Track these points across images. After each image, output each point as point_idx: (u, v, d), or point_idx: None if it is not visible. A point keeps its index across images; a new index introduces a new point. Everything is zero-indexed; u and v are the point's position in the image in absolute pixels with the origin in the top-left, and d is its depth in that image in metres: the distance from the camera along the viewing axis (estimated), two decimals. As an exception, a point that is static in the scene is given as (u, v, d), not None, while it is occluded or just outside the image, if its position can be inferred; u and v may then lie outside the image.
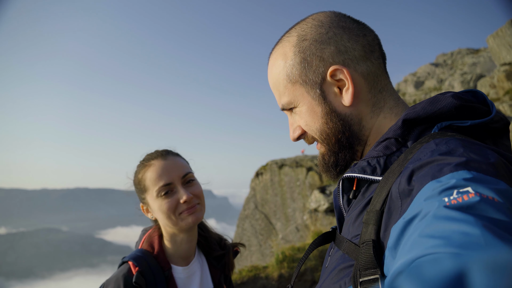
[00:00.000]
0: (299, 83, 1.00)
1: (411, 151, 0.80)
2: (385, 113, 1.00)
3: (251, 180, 16.71)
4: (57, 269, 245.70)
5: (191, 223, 1.55)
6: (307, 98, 1.00)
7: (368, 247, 0.72)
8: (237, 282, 6.47)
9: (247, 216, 16.01)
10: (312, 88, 0.99)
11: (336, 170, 1.05)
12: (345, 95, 0.97)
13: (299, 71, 0.99)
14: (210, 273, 1.74)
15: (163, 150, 1.68)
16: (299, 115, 1.03)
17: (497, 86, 14.79)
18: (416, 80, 28.88)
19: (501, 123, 0.87)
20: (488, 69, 21.98)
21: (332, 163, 1.04)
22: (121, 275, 1.44)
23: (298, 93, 1.01)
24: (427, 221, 0.54)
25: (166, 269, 1.56)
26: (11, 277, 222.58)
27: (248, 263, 14.02)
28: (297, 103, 1.02)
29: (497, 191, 0.56)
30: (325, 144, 1.02)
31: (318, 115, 0.99)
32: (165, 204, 1.53)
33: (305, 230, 12.40)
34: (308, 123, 1.02)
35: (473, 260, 0.42)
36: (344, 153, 1.02)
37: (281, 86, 1.03)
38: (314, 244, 1.06)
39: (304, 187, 13.46)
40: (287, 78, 1.01)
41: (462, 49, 31.76)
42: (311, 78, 0.98)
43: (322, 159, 1.06)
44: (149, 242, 1.63)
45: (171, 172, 1.57)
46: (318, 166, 1.10)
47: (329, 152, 1.03)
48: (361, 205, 0.87)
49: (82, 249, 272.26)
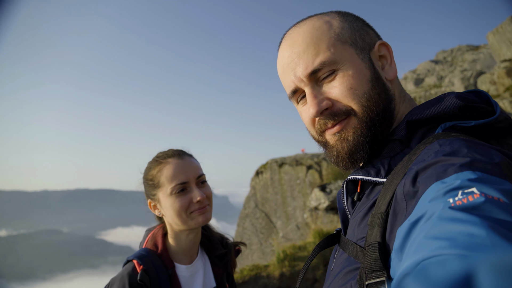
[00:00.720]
0: (348, 43, 0.94)
1: (415, 152, 0.80)
2: (406, 103, 1.01)
3: (251, 179, 16.71)
4: (58, 270, 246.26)
5: (201, 222, 1.59)
6: (357, 60, 0.94)
7: (374, 250, 0.72)
8: (238, 281, 6.49)
9: (248, 215, 15.99)
10: (361, 52, 0.96)
11: (372, 148, 0.93)
12: (388, 69, 0.99)
13: (348, 33, 0.96)
14: (212, 272, 1.78)
15: (178, 149, 1.73)
16: (341, 79, 0.92)
17: (497, 83, 14.76)
18: (416, 77, 28.89)
19: (505, 123, 0.86)
20: (488, 65, 21.97)
21: (370, 137, 0.92)
22: (126, 274, 1.48)
23: (347, 53, 0.93)
24: (433, 223, 0.54)
25: (169, 267, 1.59)
26: (12, 279, 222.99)
27: (249, 262, 14.01)
28: (343, 64, 0.92)
29: (502, 191, 0.56)
30: (367, 113, 0.92)
31: (367, 79, 0.93)
32: (178, 201, 1.57)
33: (306, 228, 12.39)
34: (355, 86, 0.92)
35: (480, 261, 0.42)
36: (382, 128, 0.93)
37: (324, 44, 0.93)
38: (319, 247, 1.05)
39: (304, 185, 13.45)
40: (336, 37, 0.94)
41: (462, 45, 31.79)
42: (361, 43, 0.97)
43: (354, 134, 0.93)
44: (153, 241, 1.67)
45: (187, 172, 1.62)
46: (339, 149, 0.95)
47: (367, 125, 0.92)
48: (365, 207, 0.87)
49: (83, 250, 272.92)
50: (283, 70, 1.00)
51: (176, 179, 1.58)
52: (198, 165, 1.71)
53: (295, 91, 1.00)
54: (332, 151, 0.98)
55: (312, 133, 1.04)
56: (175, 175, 1.59)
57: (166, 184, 1.59)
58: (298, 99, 1.02)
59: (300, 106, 1.04)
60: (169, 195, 1.58)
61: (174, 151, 1.69)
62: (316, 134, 1.03)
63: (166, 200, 1.59)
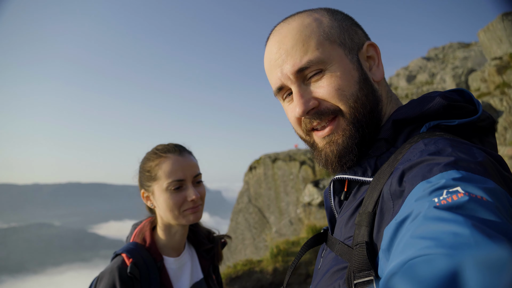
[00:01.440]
0: (337, 43, 0.93)
1: (400, 152, 0.81)
2: (393, 104, 1.01)
3: (245, 174, 16.71)
4: (49, 264, 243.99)
5: (192, 221, 1.61)
6: (345, 61, 0.93)
7: (362, 249, 0.72)
8: (232, 276, 6.49)
9: (241, 210, 16.04)
10: (350, 52, 0.95)
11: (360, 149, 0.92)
12: (376, 71, 0.98)
13: (337, 33, 0.94)
14: (200, 264, 1.81)
15: (179, 145, 1.72)
16: (328, 79, 0.91)
17: (488, 80, 14.90)
18: (408, 74, 28.96)
19: (487, 122, 0.88)
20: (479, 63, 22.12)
21: (358, 139, 0.92)
22: (115, 267, 1.49)
23: (335, 53, 0.92)
24: (418, 222, 0.55)
25: (158, 260, 1.61)
26: (3, 272, 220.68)
27: (242, 257, 14.07)
28: (331, 63, 0.91)
29: (485, 190, 0.57)
30: (354, 114, 0.92)
31: (354, 79, 0.93)
32: (173, 198, 1.58)
33: (299, 223, 12.47)
34: (343, 87, 0.91)
35: (464, 259, 0.43)
36: (369, 130, 0.93)
37: (313, 42, 0.91)
38: (306, 246, 1.05)
39: (298, 181, 13.51)
40: (325, 36, 0.93)
41: (453, 43, 31.89)
42: (349, 44, 0.95)
43: (343, 136, 0.93)
44: (142, 235, 1.68)
45: (185, 169, 1.63)
46: (328, 153, 0.95)
47: (355, 127, 0.92)
48: (352, 207, 0.87)
49: (75, 244, 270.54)
50: (270, 66, 0.98)
51: (173, 175, 1.59)
52: (196, 163, 1.71)
53: (281, 88, 0.99)
54: (320, 155, 0.97)
55: (298, 131, 1.03)
56: (173, 171, 1.60)
57: (163, 178, 1.59)
58: (284, 96, 1.01)
59: (286, 103, 1.02)
60: (164, 190, 1.59)
61: (175, 146, 1.69)
62: (302, 133, 1.02)
63: (161, 194, 1.60)
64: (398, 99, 1.03)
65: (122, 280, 1.45)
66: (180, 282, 1.67)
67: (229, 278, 6.49)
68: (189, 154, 1.72)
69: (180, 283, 1.67)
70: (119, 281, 1.44)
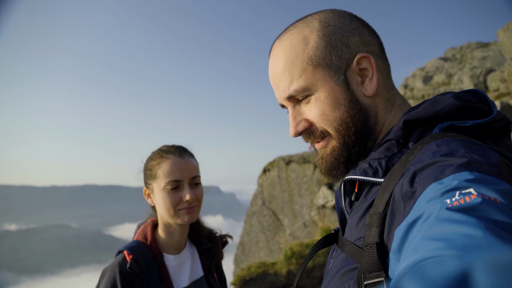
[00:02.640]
0: (321, 66, 0.93)
1: (412, 152, 0.81)
2: (395, 110, 1.01)
3: (259, 177, 16.74)
4: (66, 265, 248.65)
5: (186, 221, 1.68)
6: (329, 84, 0.93)
7: (372, 250, 0.72)
8: (245, 278, 6.51)
9: (255, 212, 16.04)
10: (335, 73, 0.94)
11: (347, 167, 0.98)
12: (368, 85, 0.96)
13: (323, 54, 0.94)
14: (200, 262, 1.88)
15: (181, 147, 1.80)
16: (314, 103, 0.95)
17: (508, 80, 14.59)
18: (424, 75, 28.60)
19: (502, 123, 0.87)
20: (498, 63, 21.70)
21: (344, 158, 0.97)
22: (116, 263, 1.59)
23: (319, 77, 0.93)
24: (430, 224, 0.55)
25: (158, 257, 1.69)
26: (22, 273, 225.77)
27: (256, 259, 14.06)
28: (315, 89, 0.93)
29: (499, 192, 0.56)
30: (340, 136, 0.95)
31: (339, 102, 0.93)
32: (169, 197, 1.66)
33: (313, 226, 12.40)
34: (326, 111, 0.93)
35: (476, 261, 0.42)
36: (359, 147, 0.96)
37: (297, 69, 0.94)
38: (317, 246, 1.05)
39: (312, 183, 13.45)
40: (309, 60, 0.93)
41: (471, 43, 31.36)
42: (336, 63, 0.94)
43: (331, 155, 0.98)
44: (143, 234, 1.76)
45: (183, 171, 1.70)
46: (320, 166, 1.02)
47: (342, 146, 0.96)
48: (363, 208, 0.87)
49: (92, 245, 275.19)
50: (271, 83, 1.04)
51: (171, 175, 1.66)
52: (196, 166, 1.78)
53: (282, 106, 1.05)
54: (318, 163, 1.04)
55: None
56: (171, 172, 1.67)
57: (161, 177, 1.67)
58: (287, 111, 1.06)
59: None
60: (162, 189, 1.66)
61: (176, 148, 1.77)
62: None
63: (159, 193, 1.68)
64: (403, 104, 1.03)
65: (122, 275, 1.54)
66: (179, 279, 1.74)
67: (243, 280, 6.49)
68: (190, 157, 1.79)
69: (179, 280, 1.74)
70: (119, 276, 1.54)
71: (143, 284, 1.59)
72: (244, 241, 16.00)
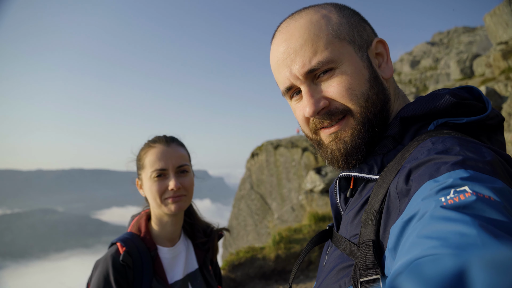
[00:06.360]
0: (346, 41, 0.91)
1: (407, 150, 0.81)
2: (400, 101, 1.00)
3: (247, 161, 16.76)
4: (52, 249, 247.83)
5: (173, 210, 1.66)
6: (355, 58, 0.90)
7: (368, 247, 0.72)
8: (234, 263, 6.57)
9: (243, 196, 16.11)
10: (360, 50, 0.93)
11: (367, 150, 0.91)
12: (385, 68, 0.97)
13: (347, 30, 0.92)
14: (195, 255, 1.86)
15: (169, 136, 1.79)
16: (339, 78, 0.89)
17: (493, 65, 14.75)
18: (412, 59, 28.73)
19: (496, 120, 0.87)
20: (485, 48, 21.88)
21: (366, 140, 0.90)
22: (109, 256, 1.56)
23: (345, 50, 0.90)
24: (425, 222, 0.55)
25: (152, 249, 1.68)
26: (6, 257, 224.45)
27: (244, 243, 14.19)
28: (341, 62, 0.89)
29: (493, 190, 0.57)
30: (364, 114, 0.90)
31: (365, 78, 0.91)
32: (155, 186, 1.65)
33: (301, 210, 12.52)
34: (353, 86, 0.89)
35: (471, 259, 0.43)
36: (380, 129, 0.92)
37: (322, 42, 0.88)
38: (311, 243, 1.05)
39: (300, 167, 13.52)
40: (335, 34, 0.90)
41: (458, 27, 31.59)
42: (359, 41, 0.93)
43: (351, 137, 0.91)
44: (137, 226, 1.75)
45: (168, 159, 1.68)
46: (334, 153, 0.93)
47: (364, 127, 0.90)
48: (358, 204, 0.87)
49: (78, 230, 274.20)
50: (277, 66, 0.96)
51: (156, 164, 1.66)
52: (184, 154, 1.75)
53: (289, 88, 0.97)
54: (326, 152, 0.96)
55: (306, 130, 1.02)
56: (156, 160, 1.66)
57: (148, 167, 1.68)
58: (291, 95, 0.99)
59: (293, 102, 1.00)
60: (149, 178, 1.67)
61: (164, 137, 1.76)
62: (310, 133, 1.00)
63: (146, 182, 1.68)
64: (405, 96, 1.03)
65: (115, 267, 1.53)
66: (173, 271, 1.73)
67: (231, 265, 6.54)
68: (178, 145, 1.77)
69: (173, 272, 1.72)
70: (112, 269, 1.52)
71: (137, 276, 1.57)
72: (233, 224, 16.10)
